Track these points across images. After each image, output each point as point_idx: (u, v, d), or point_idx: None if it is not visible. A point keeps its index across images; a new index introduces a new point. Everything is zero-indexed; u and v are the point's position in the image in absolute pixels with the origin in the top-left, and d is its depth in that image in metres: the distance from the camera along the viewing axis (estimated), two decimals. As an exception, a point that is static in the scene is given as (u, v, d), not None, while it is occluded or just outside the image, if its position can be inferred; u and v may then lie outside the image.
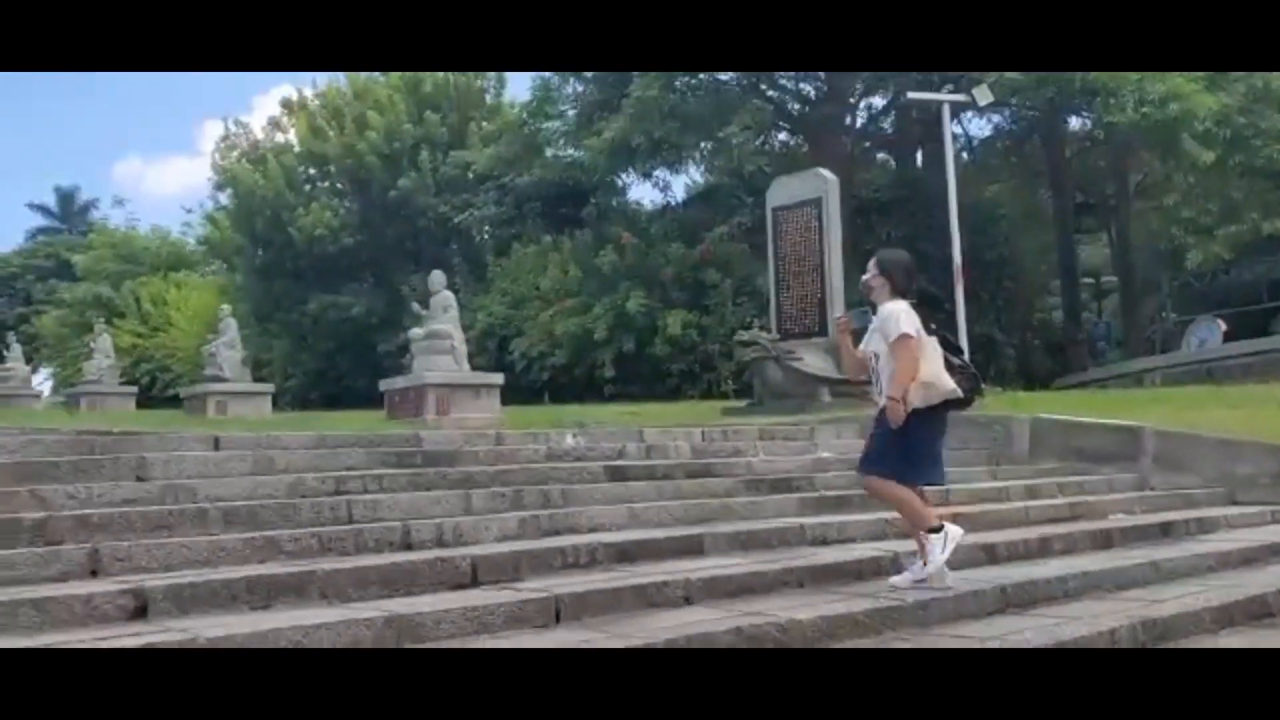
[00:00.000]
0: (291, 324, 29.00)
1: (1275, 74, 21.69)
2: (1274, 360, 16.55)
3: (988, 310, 23.73)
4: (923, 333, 5.37)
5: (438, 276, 14.88)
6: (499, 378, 14.62)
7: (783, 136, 24.37)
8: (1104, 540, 7.10)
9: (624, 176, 22.03)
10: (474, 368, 24.81)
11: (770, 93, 22.87)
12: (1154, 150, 21.12)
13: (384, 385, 14.57)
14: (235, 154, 29.89)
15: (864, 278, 5.62)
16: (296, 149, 28.74)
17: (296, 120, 29.12)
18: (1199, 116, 19.50)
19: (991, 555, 6.38)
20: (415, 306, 15.25)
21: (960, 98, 16.99)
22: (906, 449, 5.33)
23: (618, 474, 7.76)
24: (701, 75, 20.55)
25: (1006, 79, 17.88)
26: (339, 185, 27.47)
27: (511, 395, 20.56)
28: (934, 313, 18.85)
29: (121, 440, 7.15)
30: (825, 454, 9.78)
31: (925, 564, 5.32)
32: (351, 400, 26.68)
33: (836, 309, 14.02)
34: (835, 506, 7.44)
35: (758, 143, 21.26)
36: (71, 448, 6.89)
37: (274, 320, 29.72)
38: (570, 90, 22.74)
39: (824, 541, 6.53)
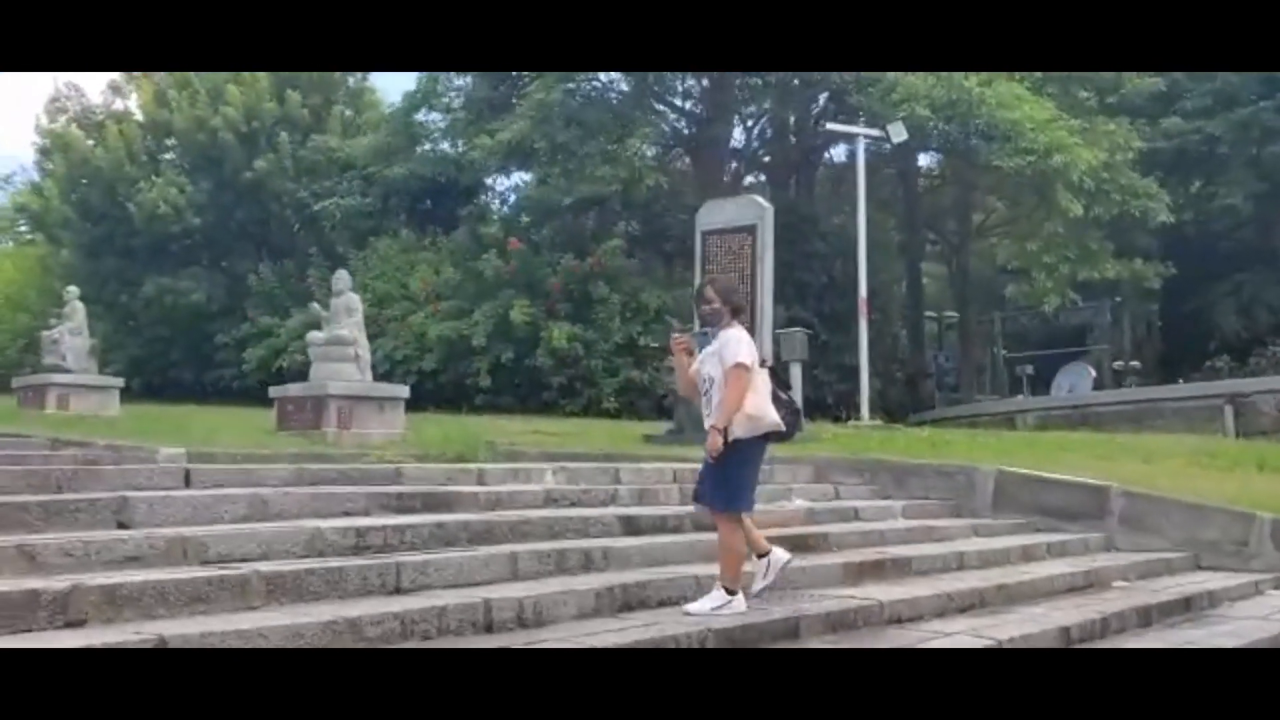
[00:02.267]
0: (119, 306, 26.72)
1: (1135, 136, 22.90)
2: (1148, 410, 17.23)
3: (856, 341, 23.99)
4: (756, 364, 5.50)
5: (343, 276, 13.74)
6: (405, 390, 13.61)
7: (674, 154, 24.00)
8: (1145, 618, 6.91)
9: (506, 179, 21.16)
10: (329, 367, 23.67)
11: (660, 108, 22.50)
12: (1030, 198, 21.75)
13: (276, 392, 13.32)
14: (65, 118, 27.29)
15: (704, 308, 5.71)
16: (139, 118, 26.47)
17: (139, 87, 26.83)
18: (1080, 169, 20.25)
19: (1067, 638, 6.06)
20: (315, 307, 14.08)
21: (875, 133, 17.02)
22: (725, 477, 5.47)
23: (631, 526, 7.11)
24: (601, 80, 19.98)
25: (917, 114, 18.06)
26: (187, 161, 25.38)
27: None
28: (812, 340, 18.79)
29: (80, 473, 6.01)
30: (800, 501, 9.37)
31: (712, 595, 5.44)
32: (177, 392, 24.79)
33: (767, 340, 13.71)
34: (877, 573, 7.00)
35: (651, 157, 20.79)
36: (26, 481, 5.74)
37: (99, 301, 27.30)
38: (458, 84, 21.70)
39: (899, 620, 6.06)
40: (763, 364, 5.62)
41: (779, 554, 5.70)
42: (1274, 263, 26.16)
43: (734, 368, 5.42)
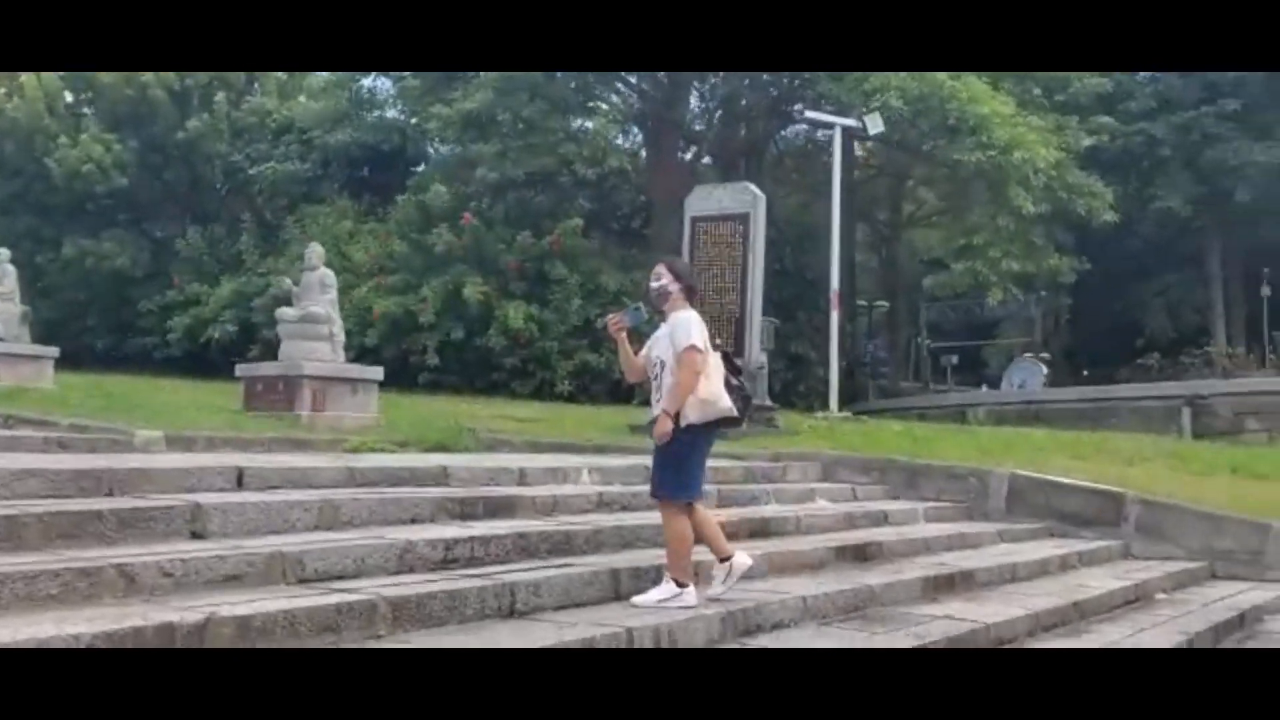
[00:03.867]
0: (31, 267, 25.19)
1: (1088, 132, 23.23)
2: (1105, 409, 17.47)
3: (803, 329, 23.97)
4: (709, 348, 5.29)
5: (316, 250, 13.04)
6: (378, 372, 13.00)
7: (628, 132, 23.54)
8: (1216, 635, 6.83)
9: (463, 150, 20.37)
10: (264, 340, 22.78)
11: (620, 86, 22.03)
12: (982, 192, 21.88)
13: (243, 370, 12.60)
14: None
15: (655, 284, 5.42)
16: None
17: (60, 35, 25.23)
18: (1038, 167, 20.43)
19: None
20: (286, 282, 13.34)
21: (852, 122, 16.85)
22: (674, 464, 5.26)
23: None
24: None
25: (891, 107, 17.95)
26: (112, 118, 23.99)
27: None
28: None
29: (134, 474, 5.44)
30: (823, 503, 9.16)
31: (660, 587, 5.21)
32: (93, 361, 23.54)
33: (755, 331, 13.47)
34: (949, 587, 6.79)
35: (614, 138, 20.32)
36: (77, 484, 5.16)
37: (14, 261, 25.78)
38: (413, 51, 20.85)
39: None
40: (715, 347, 5.39)
41: (741, 559, 5.42)
42: (1202, 265, 26.93)
43: (686, 350, 5.19)
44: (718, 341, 5.52)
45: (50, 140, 23.34)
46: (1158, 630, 6.51)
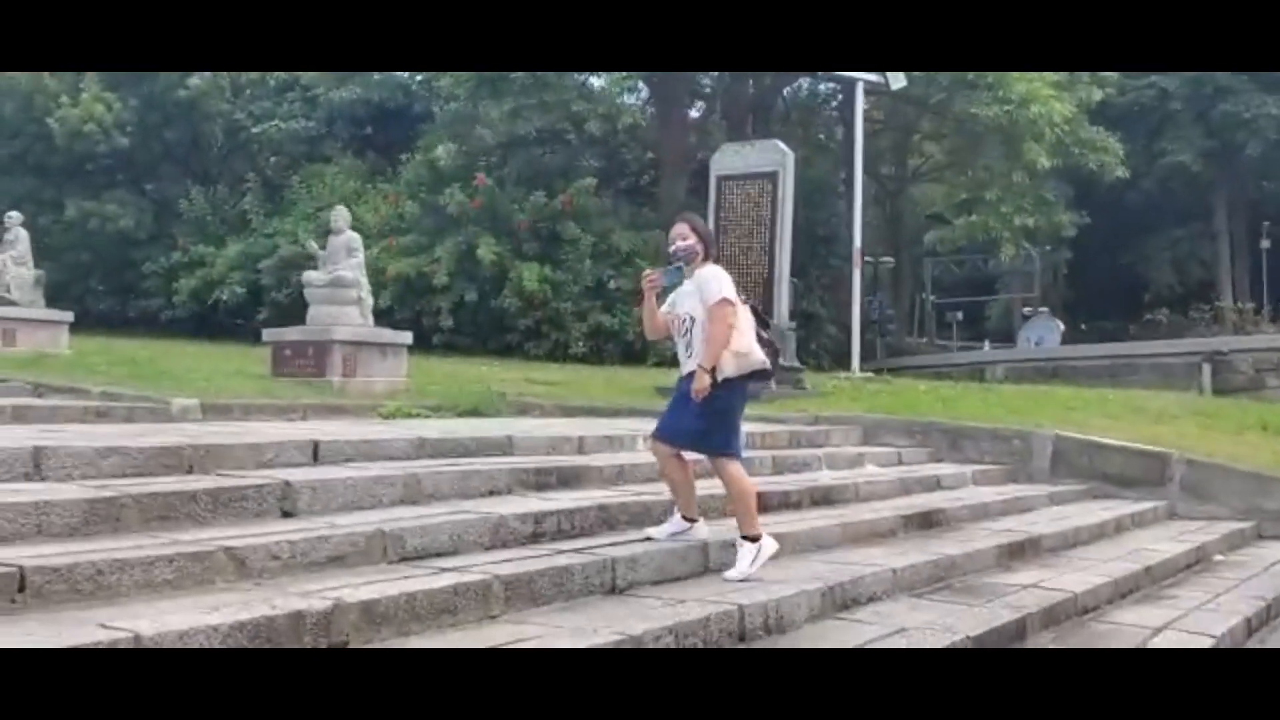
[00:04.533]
0: (33, 230, 24.86)
1: (1099, 86, 23.03)
2: (1123, 365, 17.44)
3: (814, 286, 23.83)
4: (738, 301, 5.26)
5: (342, 213, 12.87)
6: (407, 336, 12.89)
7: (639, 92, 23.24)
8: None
9: (472, 107, 20.06)
10: (273, 302, 22.57)
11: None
12: (1000, 147, 21.70)
13: (271, 335, 12.47)
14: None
15: (683, 243, 5.33)
16: (58, 26, 24.46)
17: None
18: (1053, 122, 20.27)
19: (1249, 628, 5.89)
20: (311, 245, 13.16)
21: (874, 77, 16.64)
22: (717, 417, 5.21)
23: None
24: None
25: (909, 63, 17.70)
26: (113, 76, 23.57)
27: None
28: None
29: (215, 450, 5.33)
30: (872, 468, 9.10)
31: (741, 553, 5.16)
32: (97, 323, 23.31)
33: (784, 292, 13.37)
34: (1021, 554, 6.74)
35: (620, 96, 20.02)
36: (160, 461, 5.06)
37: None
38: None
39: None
40: (744, 301, 5.35)
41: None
42: (1210, 220, 26.87)
43: (719, 304, 5.15)
44: (743, 296, 5.36)
45: (51, 100, 22.94)
46: (1232, 595, 6.49)
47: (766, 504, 6.74)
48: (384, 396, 12.04)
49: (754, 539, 5.19)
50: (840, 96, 27.10)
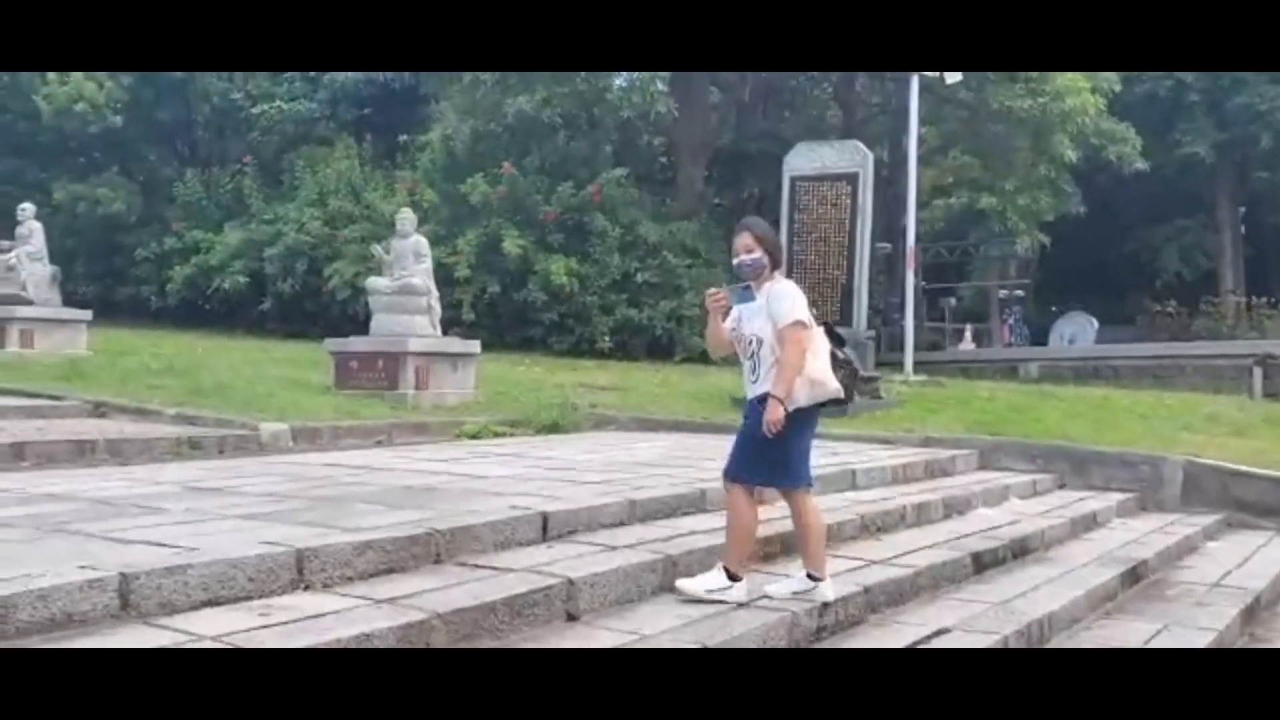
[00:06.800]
0: (10, 213, 23.68)
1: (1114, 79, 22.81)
2: (1169, 366, 17.24)
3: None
4: (812, 322, 4.80)
5: (408, 216, 12.16)
6: (476, 346, 12.23)
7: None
8: None
9: (499, 94, 19.26)
10: (277, 293, 21.68)
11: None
12: (1026, 139, 21.40)
13: (334, 346, 11.76)
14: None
15: (748, 258, 4.82)
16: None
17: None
18: (1086, 113, 20.00)
19: None
20: (377, 249, 12.41)
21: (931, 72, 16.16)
22: (785, 450, 4.73)
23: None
24: None
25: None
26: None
27: (329, 329, 17.71)
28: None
29: (457, 533, 4.73)
30: (1016, 501, 8.67)
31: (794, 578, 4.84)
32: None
33: (863, 301, 12.92)
34: (1253, 617, 6.34)
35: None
36: (409, 552, 4.46)
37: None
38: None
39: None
40: (818, 320, 4.90)
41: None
42: (1214, 211, 26.88)
43: (791, 326, 4.67)
44: (815, 312, 4.93)
45: (38, 76, 21.74)
46: None
47: (983, 562, 6.33)
48: (458, 410, 11.44)
49: (815, 578, 4.78)
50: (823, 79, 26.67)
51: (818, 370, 4.70)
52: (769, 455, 4.71)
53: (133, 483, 6.12)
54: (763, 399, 4.67)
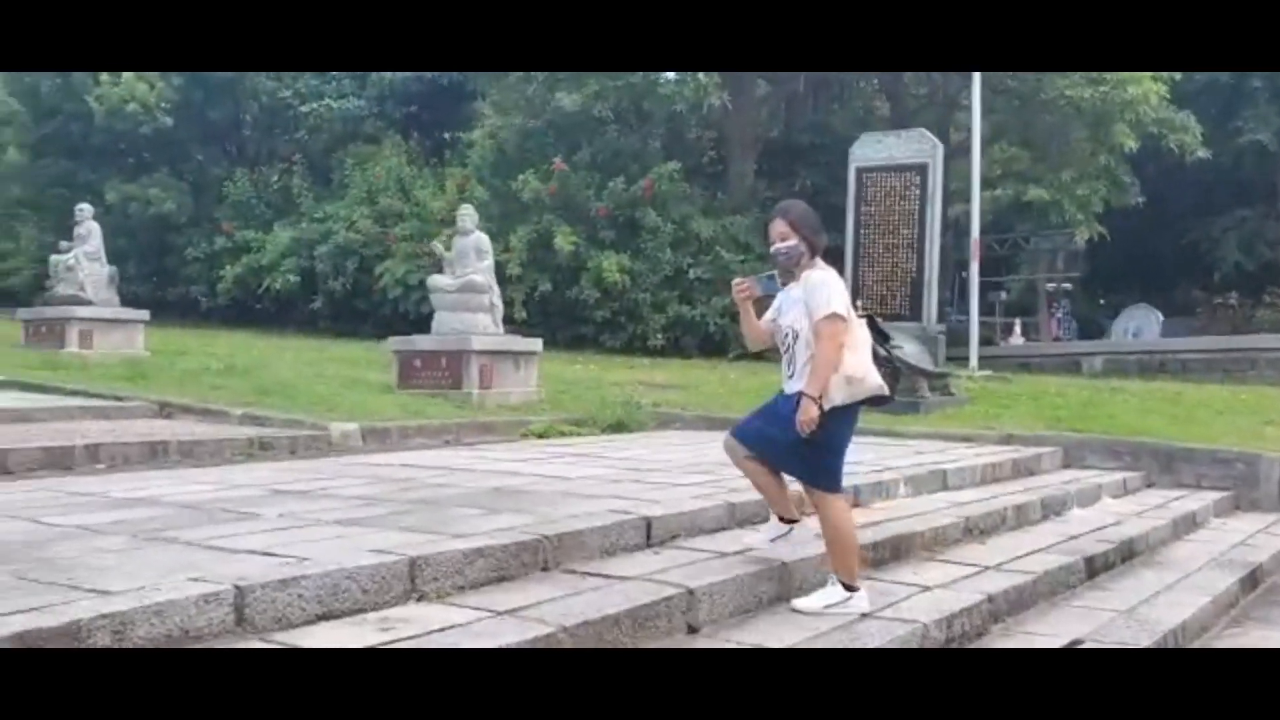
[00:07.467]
0: (66, 214, 23.81)
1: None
2: (1239, 359, 16.78)
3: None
4: (852, 314, 4.47)
5: (470, 213, 11.95)
6: (538, 344, 12.05)
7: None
8: None
9: (548, 90, 19.09)
10: (327, 291, 21.63)
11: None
12: (1084, 129, 20.92)
13: (397, 344, 11.62)
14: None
15: (779, 245, 4.53)
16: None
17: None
18: (1149, 102, 19.54)
19: None
20: (437, 247, 12.26)
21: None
22: (821, 451, 4.44)
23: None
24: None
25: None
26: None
27: (381, 328, 17.65)
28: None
29: (564, 539, 4.53)
30: (1109, 500, 8.37)
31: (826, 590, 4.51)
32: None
33: (934, 294, 12.62)
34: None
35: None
36: (519, 559, 4.26)
37: (39, 206, 24.41)
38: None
39: None
40: (860, 313, 4.59)
41: (805, 528, 4.79)
42: (1274, 200, 26.19)
43: (827, 319, 4.36)
44: (858, 306, 4.67)
45: (90, 77, 21.80)
46: None
47: (1094, 567, 6.05)
48: (521, 409, 11.26)
49: (849, 587, 4.47)
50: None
51: (855, 366, 4.38)
52: (801, 452, 4.45)
53: (214, 485, 5.97)
54: (798, 396, 4.39)
